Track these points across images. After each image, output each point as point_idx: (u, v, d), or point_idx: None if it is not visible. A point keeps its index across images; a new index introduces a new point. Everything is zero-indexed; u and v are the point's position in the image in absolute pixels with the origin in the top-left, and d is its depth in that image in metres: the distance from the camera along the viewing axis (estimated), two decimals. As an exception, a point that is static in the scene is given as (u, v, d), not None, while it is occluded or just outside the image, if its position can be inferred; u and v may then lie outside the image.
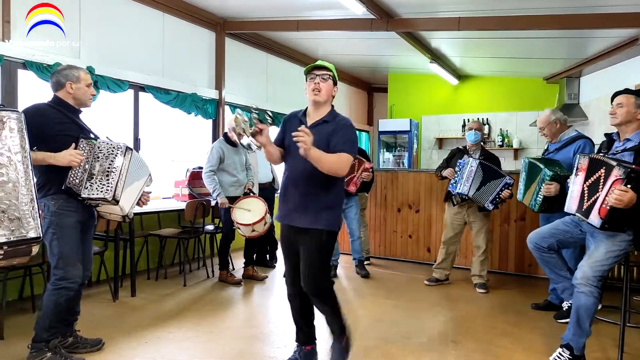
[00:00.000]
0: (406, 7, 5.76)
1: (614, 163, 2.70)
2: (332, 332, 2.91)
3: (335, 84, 2.80)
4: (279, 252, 6.18)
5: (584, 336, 2.94)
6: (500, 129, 9.33)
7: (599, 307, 3.02)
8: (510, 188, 4.56)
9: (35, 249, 1.87)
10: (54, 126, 2.90)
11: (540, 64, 8.13)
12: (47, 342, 2.97)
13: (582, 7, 5.21)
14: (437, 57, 8.10)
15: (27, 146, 1.82)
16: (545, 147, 4.32)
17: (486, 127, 9.41)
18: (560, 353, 3.00)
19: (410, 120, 9.50)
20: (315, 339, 3.03)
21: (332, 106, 2.85)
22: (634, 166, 2.62)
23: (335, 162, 2.61)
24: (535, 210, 3.69)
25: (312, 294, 2.78)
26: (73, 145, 2.91)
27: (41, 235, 1.80)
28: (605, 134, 3.25)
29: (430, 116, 9.94)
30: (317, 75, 2.73)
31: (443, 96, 10.00)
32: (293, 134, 2.48)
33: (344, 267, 5.80)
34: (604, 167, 2.78)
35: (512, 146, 9.16)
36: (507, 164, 9.23)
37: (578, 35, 6.30)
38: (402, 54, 8.25)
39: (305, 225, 2.74)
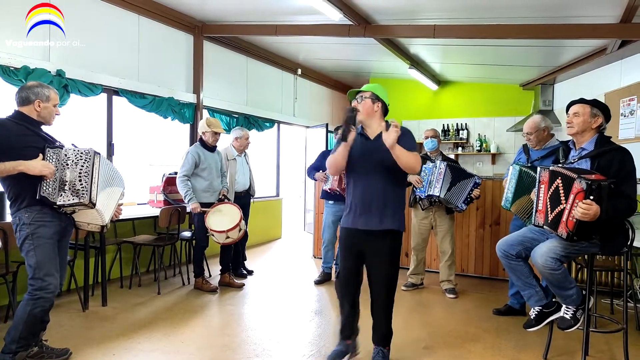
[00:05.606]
0: (383, 13, 5.78)
1: (575, 175, 2.68)
2: (379, 338, 3.15)
3: (376, 100, 3.03)
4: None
5: (569, 289, 3.01)
6: (479, 134, 9.43)
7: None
8: (478, 187, 4.76)
9: None
10: (17, 138, 2.88)
11: (516, 71, 8.24)
12: (15, 354, 2.91)
13: (553, 18, 5.29)
14: (416, 62, 8.15)
15: None
16: (520, 152, 4.27)
17: (465, 132, 9.52)
18: (565, 310, 3.10)
19: (390, 125, 9.52)
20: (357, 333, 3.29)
21: (386, 121, 3.07)
22: (593, 176, 2.64)
23: (412, 160, 2.90)
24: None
25: (383, 291, 3.05)
26: (40, 156, 2.90)
27: None
28: (562, 142, 3.26)
29: (411, 121, 9.98)
30: (357, 98, 3.08)
31: (423, 101, 10.09)
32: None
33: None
34: (562, 179, 2.79)
35: (489, 151, 9.27)
36: (485, 168, 9.34)
37: (551, 43, 6.42)
38: (383, 60, 8.30)
39: (376, 227, 2.98)
